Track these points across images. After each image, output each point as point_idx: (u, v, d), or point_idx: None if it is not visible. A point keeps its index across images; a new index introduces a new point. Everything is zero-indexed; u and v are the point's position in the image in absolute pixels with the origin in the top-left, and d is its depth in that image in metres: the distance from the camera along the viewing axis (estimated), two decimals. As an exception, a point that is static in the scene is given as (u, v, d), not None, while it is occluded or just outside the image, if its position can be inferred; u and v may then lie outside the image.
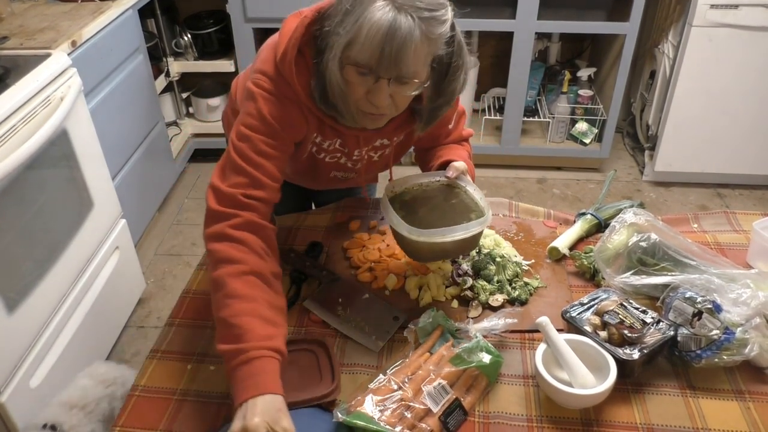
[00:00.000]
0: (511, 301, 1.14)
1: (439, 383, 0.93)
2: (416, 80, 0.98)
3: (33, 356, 1.62)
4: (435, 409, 0.90)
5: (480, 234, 1.10)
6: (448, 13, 0.97)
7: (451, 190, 1.16)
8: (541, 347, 0.97)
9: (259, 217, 1.02)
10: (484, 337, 1.02)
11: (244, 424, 0.83)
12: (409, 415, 0.89)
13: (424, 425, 0.89)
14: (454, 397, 0.93)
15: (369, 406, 0.90)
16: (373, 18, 0.90)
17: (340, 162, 1.22)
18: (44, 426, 1.20)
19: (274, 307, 0.96)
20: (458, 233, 1.04)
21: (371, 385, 0.94)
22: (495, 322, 1.03)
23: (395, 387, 0.93)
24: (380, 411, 0.89)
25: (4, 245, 1.53)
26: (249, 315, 0.92)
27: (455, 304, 1.15)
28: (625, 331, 0.97)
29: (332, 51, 0.96)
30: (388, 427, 0.87)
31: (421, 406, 0.90)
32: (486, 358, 0.97)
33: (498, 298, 1.13)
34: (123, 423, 0.96)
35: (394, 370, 0.97)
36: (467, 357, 0.97)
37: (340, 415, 0.89)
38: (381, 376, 0.96)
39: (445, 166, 1.20)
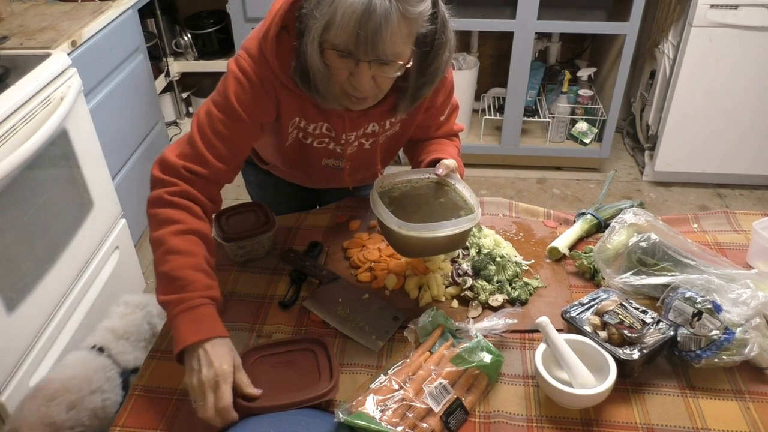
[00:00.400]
0: (511, 301, 1.14)
1: (440, 383, 0.93)
2: (398, 62, 0.97)
3: (33, 356, 1.62)
4: (436, 409, 0.90)
5: (469, 231, 1.10)
6: None
7: (440, 188, 1.16)
8: (541, 347, 0.97)
9: (196, 190, 1.05)
10: (485, 336, 1.02)
11: (214, 372, 0.90)
12: (410, 415, 0.89)
13: (425, 425, 0.89)
14: (455, 396, 0.93)
15: (370, 406, 0.90)
16: (347, 0, 0.89)
17: (329, 148, 1.21)
18: (93, 347, 1.34)
19: (210, 263, 1.02)
20: (447, 229, 1.04)
21: (372, 385, 0.94)
22: (495, 322, 1.03)
23: (396, 387, 0.93)
24: (381, 411, 0.89)
25: (4, 245, 1.53)
26: (191, 268, 0.98)
27: (455, 304, 1.15)
28: (625, 331, 0.97)
29: (310, 34, 0.95)
30: (389, 427, 0.87)
31: (423, 406, 0.90)
32: (487, 357, 0.97)
33: (498, 298, 1.13)
34: (123, 423, 0.96)
35: (395, 370, 0.97)
36: (468, 356, 0.97)
37: (341, 415, 0.88)
38: (382, 376, 0.96)
39: (435, 162, 1.19)
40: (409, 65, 1.01)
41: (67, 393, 1.24)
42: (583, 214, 1.33)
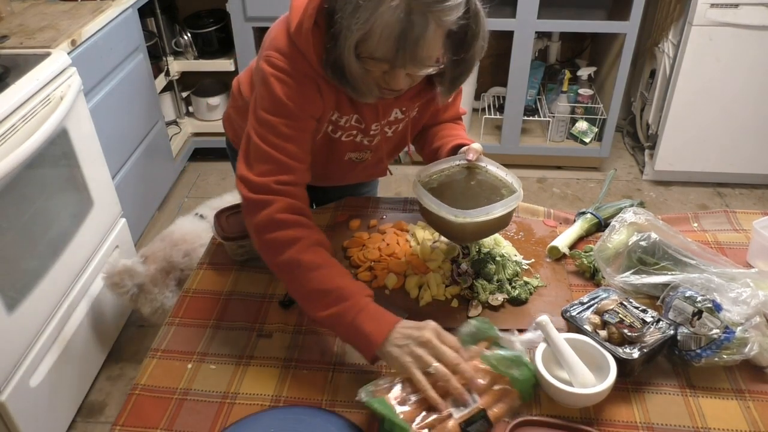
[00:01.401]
0: (511, 301, 1.14)
1: (468, 390, 0.90)
2: (433, 62, 0.99)
3: (33, 355, 1.62)
4: (456, 415, 0.87)
5: (515, 209, 1.14)
6: None
7: (473, 172, 1.18)
8: (541, 347, 0.97)
9: (295, 200, 1.04)
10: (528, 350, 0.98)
11: (420, 334, 0.90)
12: (430, 416, 0.87)
13: (442, 426, 0.87)
14: (481, 407, 0.89)
15: (393, 394, 0.89)
16: (384, 18, 0.89)
17: (356, 140, 1.20)
18: (196, 214, 1.90)
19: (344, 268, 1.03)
20: (498, 210, 1.06)
21: (402, 381, 0.92)
22: (539, 334, 0.99)
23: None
24: (403, 403, 0.88)
25: (4, 244, 1.53)
26: (339, 276, 0.99)
27: (455, 303, 1.15)
28: (625, 330, 0.97)
29: (346, 42, 0.95)
30: (405, 422, 0.86)
31: (445, 410, 0.88)
32: (517, 372, 0.93)
33: (498, 298, 1.13)
34: (123, 422, 0.96)
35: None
36: (502, 366, 0.93)
37: (363, 396, 0.88)
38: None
39: (456, 149, 1.20)
40: (442, 62, 1.03)
41: (185, 243, 1.75)
42: (583, 213, 1.33)
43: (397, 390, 0.90)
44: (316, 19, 1.01)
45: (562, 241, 1.25)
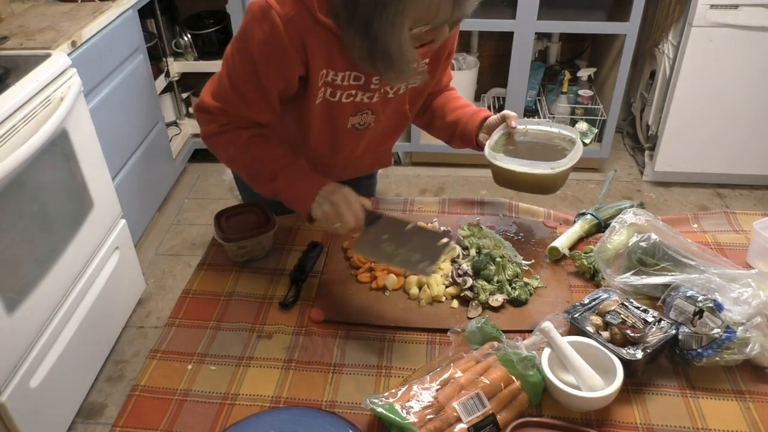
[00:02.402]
0: (512, 302, 1.14)
1: (476, 394, 0.90)
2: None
3: (33, 356, 1.62)
4: (465, 420, 0.87)
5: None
6: None
7: (514, 134, 1.30)
8: (546, 351, 0.97)
9: (240, 120, 1.17)
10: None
11: (339, 194, 1.09)
12: (438, 421, 0.87)
13: (450, 430, 0.87)
14: (490, 411, 0.89)
15: (400, 401, 0.89)
16: None
17: (356, 100, 1.19)
18: None
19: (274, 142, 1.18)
20: (577, 155, 1.23)
21: (411, 383, 0.93)
22: (540, 337, 0.99)
23: (433, 389, 0.91)
24: (410, 408, 0.88)
25: (5, 245, 1.53)
26: (271, 150, 1.15)
27: (455, 304, 1.14)
28: (628, 331, 0.97)
29: (394, 28, 0.96)
30: (413, 426, 0.86)
31: (454, 414, 0.88)
32: (533, 375, 0.93)
33: (498, 298, 1.13)
34: (123, 423, 0.95)
35: (437, 370, 0.96)
36: (520, 368, 0.93)
37: (369, 402, 0.88)
38: (426, 376, 0.94)
39: (483, 121, 1.31)
40: None
41: None
42: (583, 214, 1.33)
43: (403, 395, 0.90)
44: None
45: (562, 241, 1.25)
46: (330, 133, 1.25)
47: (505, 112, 1.30)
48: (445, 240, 1.09)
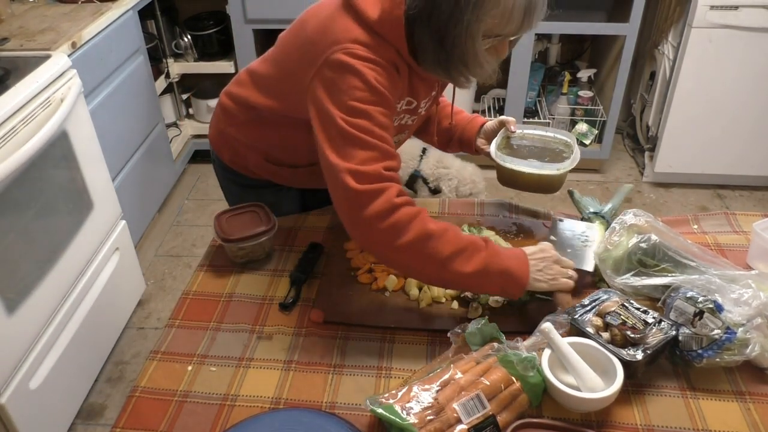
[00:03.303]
0: (512, 303, 1.14)
1: (476, 395, 0.90)
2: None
3: (33, 357, 1.62)
4: (465, 421, 0.87)
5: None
6: None
7: (512, 138, 1.39)
8: (546, 352, 0.97)
9: (402, 188, 1.05)
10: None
11: (549, 260, 1.07)
12: (438, 422, 0.87)
13: (450, 431, 0.87)
14: (490, 412, 0.89)
15: (400, 402, 0.89)
16: None
17: (402, 123, 1.21)
18: None
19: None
20: (577, 155, 1.30)
21: (413, 384, 0.92)
22: (540, 338, 1.00)
23: (433, 390, 0.91)
24: (410, 410, 0.88)
25: (5, 246, 1.53)
26: (462, 234, 1.05)
27: (455, 305, 1.14)
28: (628, 332, 0.97)
29: (469, 32, 0.97)
30: (413, 427, 0.86)
31: (454, 415, 0.88)
32: (533, 376, 0.93)
33: (498, 299, 1.13)
34: (123, 424, 0.95)
35: (437, 371, 0.96)
36: (520, 369, 0.93)
37: (369, 403, 0.88)
38: (426, 377, 0.94)
39: (481, 127, 1.39)
40: None
41: None
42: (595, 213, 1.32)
43: (403, 396, 0.90)
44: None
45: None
46: None
47: (503, 117, 1.37)
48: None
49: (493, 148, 1.32)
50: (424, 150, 2.43)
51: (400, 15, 1.00)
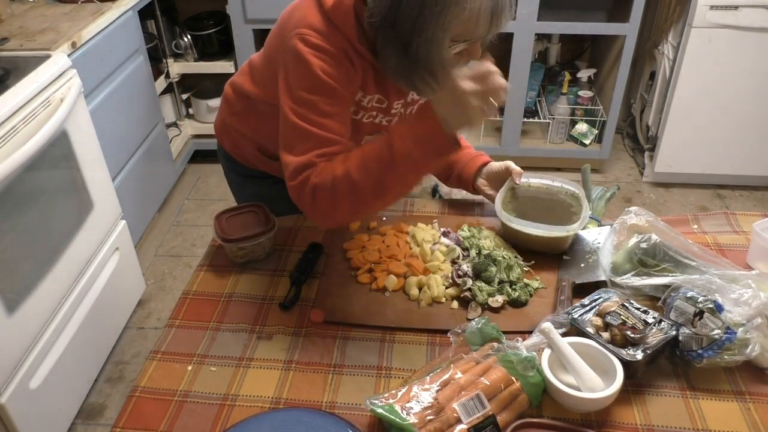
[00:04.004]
0: (511, 303, 1.14)
1: (476, 395, 0.90)
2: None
3: (33, 357, 1.62)
4: (465, 421, 0.87)
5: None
6: None
7: (518, 190, 1.33)
8: (546, 352, 0.97)
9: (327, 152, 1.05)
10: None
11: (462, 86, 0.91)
12: (438, 422, 0.87)
13: (450, 431, 0.87)
14: (490, 412, 0.89)
15: (400, 402, 0.89)
16: (478, 1, 0.92)
17: (375, 122, 1.21)
18: None
19: None
20: (587, 215, 1.25)
21: (414, 384, 0.93)
22: (541, 339, 0.99)
23: (433, 390, 0.91)
24: (410, 409, 0.88)
25: (4, 246, 1.53)
26: (370, 147, 1.00)
27: (455, 305, 1.14)
28: (628, 332, 0.97)
29: (435, 38, 0.96)
30: (413, 427, 0.86)
31: (454, 414, 0.88)
32: (533, 376, 0.94)
33: (498, 299, 1.13)
34: (123, 424, 0.95)
35: (437, 371, 0.96)
36: (520, 369, 0.93)
37: (369, 403, 0.88)
38: (426, 377, 0.94)
39: (482, 167, 1.34)
40: None
41: None
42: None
43: (403, 396, 0.90)
44: None
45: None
46: None
47: (510, 163, 1.31)
48: None
49: (498, 206, 1.26)
50: None
51: (350, 5, 1.01)
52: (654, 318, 0.99)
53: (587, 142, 2.96)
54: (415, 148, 0.96)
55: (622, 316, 0.99)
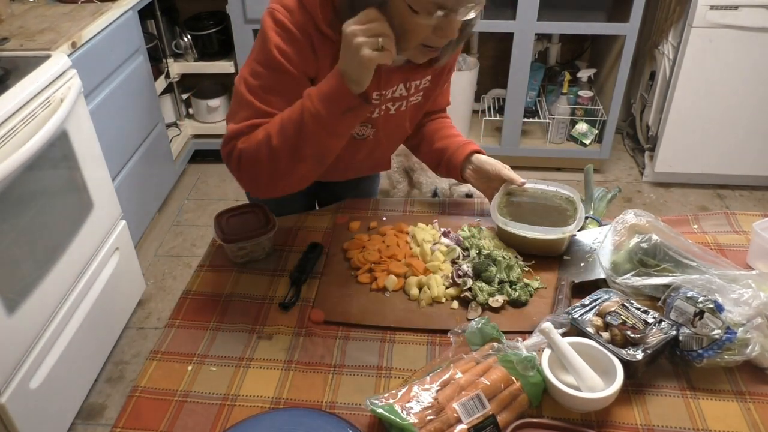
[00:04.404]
0: (512, 303, 1.14)
1: (476, 395, 0.89)
2: (480, 4, 0.99)
3: (33, 357, 1.62)
4: (465, 421, 0.87)
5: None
6: None
7: (512, 193, 1.33)
8: (546, 352, 0.97)
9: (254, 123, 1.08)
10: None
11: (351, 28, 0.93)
12: (438, 422, 0.87)
13: (450, 431, 0.87)
14: (490, 412, 0.89)
15: (400, 401, 0.89)
16: None
17: None
18: None
19: None
20: (583, 217, 1.25)
21: (414, 384, 0.93)
22: (541, 338, 0.99)
23: (433, 390, 0.91)
24: (410, 409, 0.88)
25: (5, 246, 1.53)
26: (289, 110, 1.04)
27: (455, 305, 1.14)
28: (628, 332, 0.97)
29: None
30: (413, 427, 0.86)
31: (454, 414, 0.88)
32: (533, 376, 0.94)
33: (498, 299, 1.13)
34: (123, 424, 0.95)
35: (437, 371, 0.96)
36: (520, 369, 0.93)
37: (369, 403, 0.88)
38: (426, 377, 0.94)
39: (470, 155, 1.32)
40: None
41: None
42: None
43: (403, 396, 0.90)
44: None
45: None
46: None
47: (502, 171, 1.30)
48: None
49: (494, 211, 1.27)
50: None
51: None
52: (654, 318, 0.99)
53: (587, 142, 2.96)
54: (322, 107, 0.99)
55: (622, 316, 0.99)
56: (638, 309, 1.01)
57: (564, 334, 1.00)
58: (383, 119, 1.24)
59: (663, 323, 0.99)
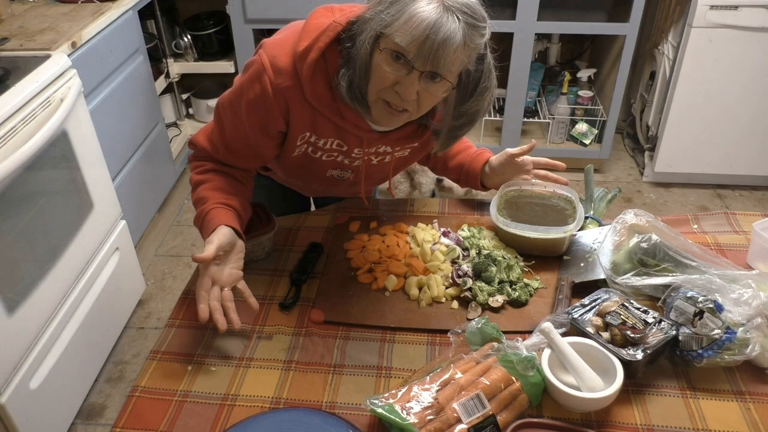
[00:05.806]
0: (512, 303, 1.14)
1: (476, 395, 0.90)
2: (448, 81, 0.99)
3: (33, 357, 1.62)
4: (465, 421, 0.87)
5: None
6: (487, 30, 1.00)
7: (524, 192, 1.36)
8: (546, 352, 0.97)
9: (223, 165, 1.19)
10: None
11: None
12: (438, 422, 0.87)
13: (450, 431, 0.87)
14: (490, 412, 0.89)
15: (401, 401, 0.89)
16: (420, 9, 0.92)
17: (337, 160, 1.22)
18: None
19: (234, 186, 1.17)
20: (582, 216, 1.26)
21: (414, 384, 0.93)
22: (541, 338, 1.00)
23: (433, 390, 0.91)
24: (410, 409, 0.88)
25: (4, 246, 1.53)
26: (208, 190, 1.14)
27: (455, 305, 1.14)
28: (628, 332, 0.97)
29: (368, 33, 0.97)
30: (413, 427, 0.86)
31: (454, 414, 0.88)
32: (533, 375, 0.94)
33: (498, 299, 1.13)
34: (123, 424, 0.95)
35: (437, 371, 0.96)
36: (520, 369, 0.93)
37: (369, 404, 0.88)
38: (426, 377, 0.95)
39: (485, 164, 1.37)
40: (449, 94, 1.04)
41: None
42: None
43: (403, 396, 0.90)
44: (324, 53, 1.03)
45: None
46: (307, 177, 1.29)
47: (508, 150, 1.35)
48: None
49: (493, 212, 1.27)
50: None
51: (314, 59, 1.03)
52: (654, 318, 0.99)
53: (587, 142, 2.96)
54: (200, 228, 1.14)
55: (622, 316, 0.99)
56: (638, 309, 1.01)
57: (564, 334, 1.00)
58: (365, 167, 1.25)
59: (663, 323, 0.99)
